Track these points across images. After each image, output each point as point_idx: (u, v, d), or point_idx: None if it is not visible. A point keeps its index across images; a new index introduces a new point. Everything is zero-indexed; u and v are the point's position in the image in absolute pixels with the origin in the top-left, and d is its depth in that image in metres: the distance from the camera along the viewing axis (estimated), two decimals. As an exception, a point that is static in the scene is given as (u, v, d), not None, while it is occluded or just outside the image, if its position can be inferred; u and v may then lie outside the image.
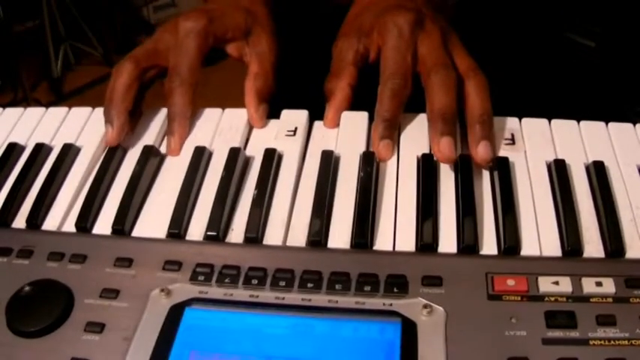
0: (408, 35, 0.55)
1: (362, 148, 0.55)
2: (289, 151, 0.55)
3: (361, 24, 0.58)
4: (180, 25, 0.58)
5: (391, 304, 0.43)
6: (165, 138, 0.57)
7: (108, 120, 0.56)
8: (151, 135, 0.58)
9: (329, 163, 0.53)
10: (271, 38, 0.61)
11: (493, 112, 0.54)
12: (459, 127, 0.54)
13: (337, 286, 0.44)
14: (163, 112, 0.60)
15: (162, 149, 0.57)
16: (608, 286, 0.43)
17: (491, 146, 0.52)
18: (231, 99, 0.61)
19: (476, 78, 0.54)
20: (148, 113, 0.60)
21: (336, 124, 0.57)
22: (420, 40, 0.55)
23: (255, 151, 0.55)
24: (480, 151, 0.52)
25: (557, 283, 0.43)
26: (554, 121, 0.56)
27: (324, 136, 0.56)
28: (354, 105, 0.58)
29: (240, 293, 0.44)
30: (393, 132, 0.54)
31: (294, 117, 0.58)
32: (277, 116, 0.59)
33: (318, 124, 0.58)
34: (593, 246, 0.46)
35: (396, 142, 0.55)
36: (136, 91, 0.58)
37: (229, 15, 0.60)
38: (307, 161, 0.54)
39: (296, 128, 0.57)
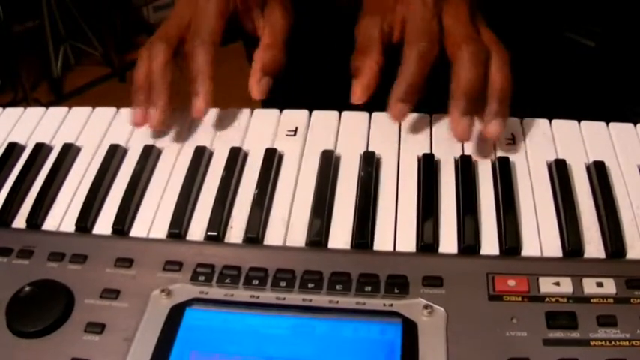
0: (432, 4, 0.53)
1: (362, 148, 0.55)
2: (289, 151, 0.55)
3: (383, 2, 0.57)
4: None
5: (392, 305, 0.43)
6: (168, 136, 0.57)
7: (151, 103, 0.56)
8: (151, 135, 0.58)
9: (329, 163, 0.53)
10: (285, 10, 0.60)
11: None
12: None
13: (338, 287, 0.44)
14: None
15: (163, 149, 0.57)
16: (609, 286, 0.43)
17: (504, 124, 0.51)
18: (231, 99, 0.61)
19: (499, 53, 0.52)
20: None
21: (364, 100, 0.55)
22: (445, 10, 0.54)
23: (256, 151, 0.55)
24: (492, 129, 0.51)
25: (557, 283, 0.43)
26: (554, 122, 0.56)
27: (324, 134, 0.56)
28: (354, 105, 0.58)
29: (241, 293, 0.44)
30: (413, 97, 0.52)
31: (295, 117, 0.58)
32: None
33: (316, 117, 0.58)
34: (593, 246, 0.46)
35: (412, 109, 0.53)
36: (173, 70, 0.57)
37: None
38: (307, 161, 0.54)
39: (296, 128, 0.57)
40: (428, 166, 0.52)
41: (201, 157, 0.54)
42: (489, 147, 0.54)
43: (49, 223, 0.51)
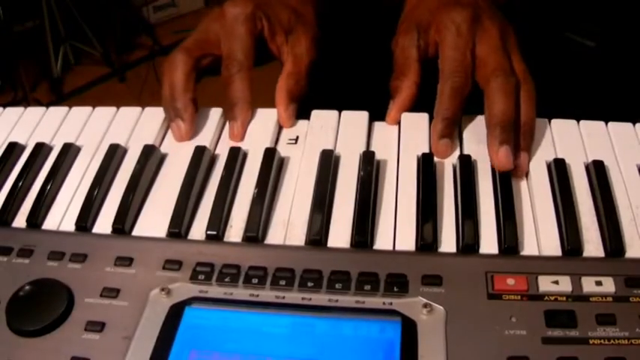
0: (466, 33, 0.54)
1: (362, 148, 0.55)
2: (290, 159, 0.55)
3: (419, 19, 0.58)
4: (227, 11, 0.58)
5: (391, 303, 0.43)
6: (167, 135, 0.57)
7: (176, 115, 0.57)
8: (151, 135, 0.58)
9: (329, 162, 0.53)
10: (311, 41, 0.61)
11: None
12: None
13: (337, 285, 0.44)
14: (162, 112, 0.60)
15: (163, 149, 0.57)
16: (608, 285, 0.43)
17: (528, 157, 0.52)
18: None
19: (527, 85, 0.54)
20: (148, 113, 0.60)
21: (397, 122, 0.57)
22: (478, 38, 0.55)
23: (255, 151, 0.55)
24: (517, 162, 0.51)
25: (557, 282, 0.43)
26: (554, 121, 0.56)
27: (324, 134, 0.56)
28: (356, 105, 0.58)
29: (241, 292, 0.44)
30: (453, 130, 0.54)
31: (296, 125, 0.58)
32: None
33: (316, 117, 0.58)
34: (593, 245, 0.46)
35: (455, 142, 0.55)
36: (194, 81, 0.58)
37: (276, 9, 0.61)
38: (307, 160, 0.54)
39: (297, 137, 0.57)
40: (427, 166, 0.52)
41: (201, 157, 0.54)
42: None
43: (49, 223, 0.51)
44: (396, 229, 0.48)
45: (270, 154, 0.54)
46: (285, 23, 0.61)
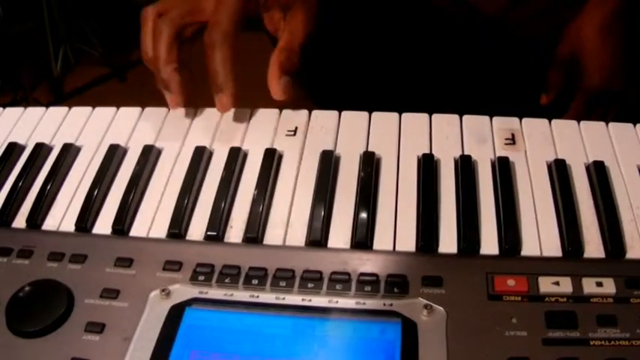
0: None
1: (362, 148, 0.55)
2: (289, 150, 0.55)
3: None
4: None
5: (391, 304, 0.43)
6: (167, 136, 0.57)
7: (164, 87, 0.57)
8: (151, 135, 0.58)
9: (329, 162, 0.53)
10: (308, 17, 0.60)
11: (494, 112, 0.54)
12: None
13: (337, 287, 0.44)
14: (163, 111, 0.60)
15: (163, 149, 0.57)
16: (609, 286, 0.43)
17: None
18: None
19: None
20: (148, 113, 0.60)
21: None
22: None
23: (255, 151, 0.55)
24: None
25: (557, 283, 0.43)
26: (554, 121, 0.56)
27: (324, 134, 0.56)
28: (358, 106, 0.58)
29: (240, 293, 0.44)
30: None
31: (294, 116, 0.58)
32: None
33: (316, 117, 0.58)
34: (593, 246, 0.46)
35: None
36: (178, 51, 0.57)
37: None
38: (307, 161, 0.54)
39: (296, 128, 0.57)
40: (428, 166, 0.52)
41: (201, 157, 0.54)
42: (489, 147, 0.54)
43: (49, 223, 0.51)
44: (396, 230, 0.48)
45: (270, 154, 0.54)
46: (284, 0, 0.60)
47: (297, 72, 0.58)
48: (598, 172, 0.50)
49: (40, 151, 0.57)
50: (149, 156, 0.55)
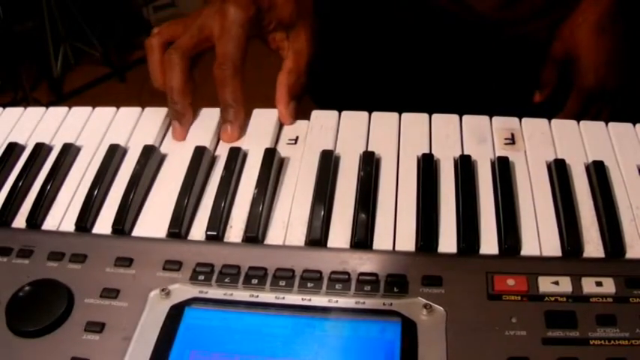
0: None
1: (362, 148, 0.55)
2: (290, 159, 0.55)
3: None
4: (228, 11, 0.57)
5: (391, 304, 0.43)
6: (167, 135, 0.57)
7: (175, 118, 0.57)
8: (151, 135, 0.58)
9: (329, 162, 0.53)
10: (310, 36, 0.61)
11: (493, 112, 0.54)
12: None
13: (337, 286, 0.44)
14: (163, 111, 0.60)
15: (163, 149, 0.57)
16: (608, 286, 0.43)
17: None
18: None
19: None
20: (148, 113, 0.60)
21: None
22: None
23: (255, 151, 0.55)
24: None
25: (557, 282, 0.43)
26: (554, 121, 0.56)
27: (324, 134, 0.56)
28: (358, 106, 0.58)
29: (240, 293, 0.44)
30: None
31: (295, 126, 0.58)
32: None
33: (316, 117, 0.58)
34: (593, 246, 0.46)
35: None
36: (193, 84, 0.58)
37: (277, 7, 0.60)
38: (307, 160, 0.54)
39: (297, 137, 0.57)
40: (427, 166, 0.52)
41: (201, 157, 0.54)
42: (489, 147, 0.54)
43: (49, 223, 0.51)
44: (396, 230, 0.48)
45: (270, 154, 0.54)
46: (287, 19, 0.60)
47: (305, 92, 0.59)
48: (598, 172, 0.50)
49: (40, 151, 0.57)
50: (149, 156, 0.55)
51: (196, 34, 0.58)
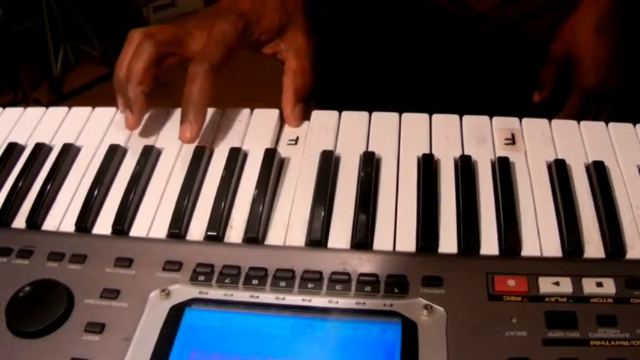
0: None
1: (362, 148, 0.55)
2: (291, 160, 0.55)
3: None
4: (216, 26, 0.56)
5: (391, 305, 0.43)
6: (167, 136, 0.57)
7: (125, 105, 0.56)
8: (151, 135, 0.58)
9: (329, 163, 0.53)
10: (307, 33, 0.61)
11: (493, 112, 0.54)
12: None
13: (337, 287, 0.44)
14: (163, 111, 0.60)
15: (163, 149, 0.57)
16: (609, 286, 0.43)
17: None
18: (231, 99, 0.61)
19: None
20: (147, 113, 0.60)
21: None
22: None
23: (255, 151, 0.55)
24: None
25: (557, 283, 0.43)
26: (554, 121, 0.56)
27: (324, 134, 0.56)
28: (358, 106, 0.58)
29: (240, 294, 0.44)
30: None
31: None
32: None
33: (316, 117, 0.58)
34: (593, 246, 0.46)
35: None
36: (153, 75, 0.56)
37: (265, 18, 0.59)
38: (307, 161, 0.54)
39: (297, 138, 0.57)
40: (428, 166, 0.52)
41: (201, 157, 0.54)
42: (489, 147, 0.54)
43: (49, 223, 0.51)
44: (396, 230, 0.48)
45: (270, 154, 0.54)
46: (277, 27, 0.60)
47: (312, 93, 0.59)
48: (598, 172, 0.50)
49: (40, 151, 0.57)
50: (149, 156, 0.55)
51: (179, 34, 0.57)
